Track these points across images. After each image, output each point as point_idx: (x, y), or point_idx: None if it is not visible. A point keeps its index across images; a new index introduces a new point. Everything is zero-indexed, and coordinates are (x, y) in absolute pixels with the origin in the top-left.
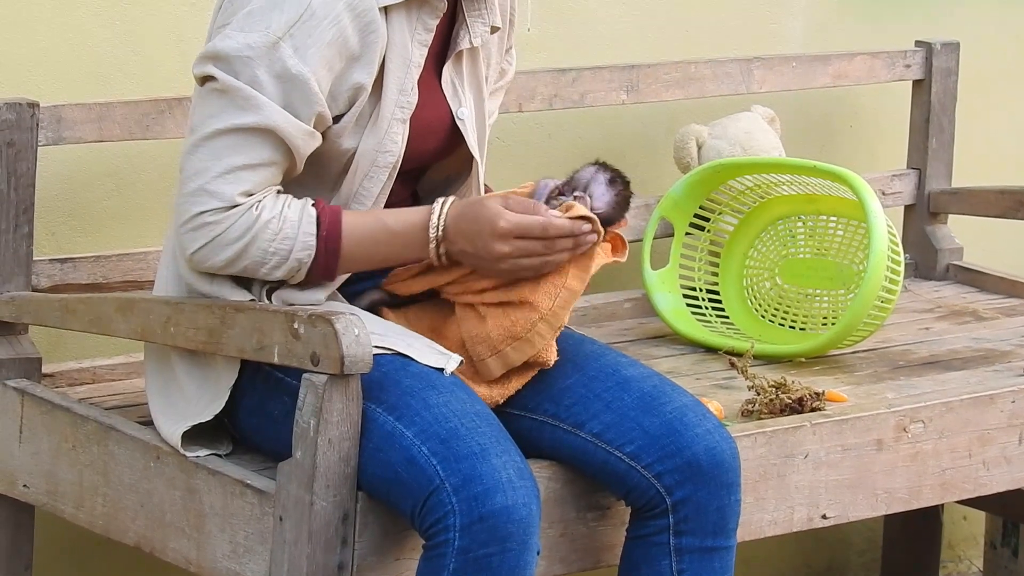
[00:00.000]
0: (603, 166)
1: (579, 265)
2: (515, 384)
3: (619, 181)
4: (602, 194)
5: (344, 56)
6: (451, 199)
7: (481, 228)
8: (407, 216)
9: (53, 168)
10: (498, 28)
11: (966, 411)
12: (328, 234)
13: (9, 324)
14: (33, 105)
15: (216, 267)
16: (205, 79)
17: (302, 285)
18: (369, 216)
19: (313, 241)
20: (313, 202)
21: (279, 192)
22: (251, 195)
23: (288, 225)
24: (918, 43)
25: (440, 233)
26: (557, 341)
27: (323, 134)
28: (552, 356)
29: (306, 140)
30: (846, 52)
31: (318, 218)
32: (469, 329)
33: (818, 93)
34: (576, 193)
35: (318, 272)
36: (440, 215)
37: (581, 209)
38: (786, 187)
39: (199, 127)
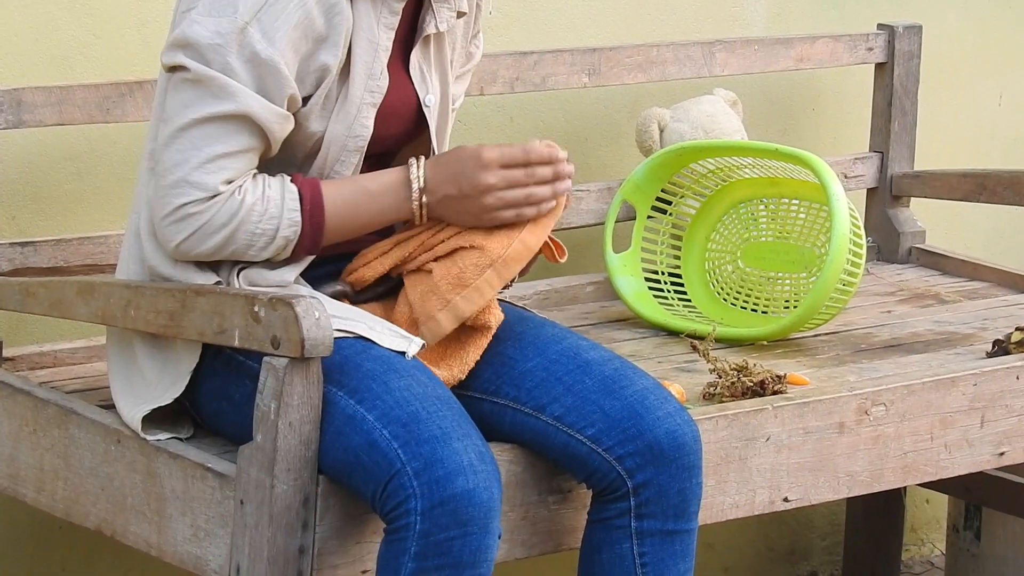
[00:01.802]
0: None
1: (538, 221)
2: (472, 356)
3: None
4: None
5: (310, 38)
6: (423, 157)
7: (464, 166)
8: (385, 176)
9: (13, 152)
10: (464, 13)
11: (928, 394)
12: (312, 207)
13: None
14: None
15: (204, 255)
16: (175, 68)
17: (273, 264)
18: (347, 183)
19: (298, 217)
20: (291, 177)
21: (255, 174)
22: (231, 182)
23: (272, 205)
24: (880, 26)
25: (422, 183)
26: (517, 325)
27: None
28: (496, 317)
29: (281, 124)
30: (808, 35)
31: (300, 193)
32: (417, 288)
33: (780, 76)
34: None
35: (304, 246)
36: (419, 167)
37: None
38: (748, 170)
39: (174, 118)
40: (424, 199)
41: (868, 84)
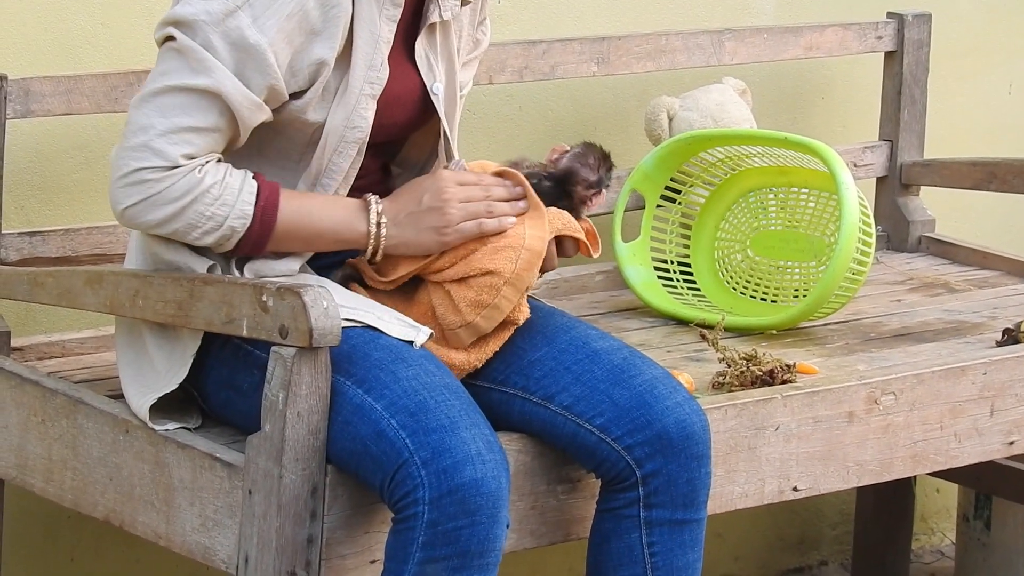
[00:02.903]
0: (589, 143)
1: (534, 225)
2: (492, 347)
3: (595, 146)
4: (573, 151)
5: (304, 30)
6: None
7: (423, 183)
8: (342, 196)
9: (22, 141)
10: (469, 1)
11: (937, 383)
12: (266, 204)
13: None
14: (1, 78)
15: (148, 225)
16: (165, 40)
17: (279, 254)
18: (304, 195)
19: (250, 210)
20: (254, 174)
21: (220, 160)
22: (193, 158)
23: (228, 192)
24: (890, 14)
25: (380, 207)
26: None
27: (286, 108)
28: (523, 314)
29: (252, 111)
30: (818, 24)
31: (258, 189)
32: (439, 299)
33: (790, 65)
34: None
35: (248, 242)
36: (376, 199)
37: (497, 167)
38: (757, 159)
39: (151, 82)
40: (383, 219)
41: (878, 73)
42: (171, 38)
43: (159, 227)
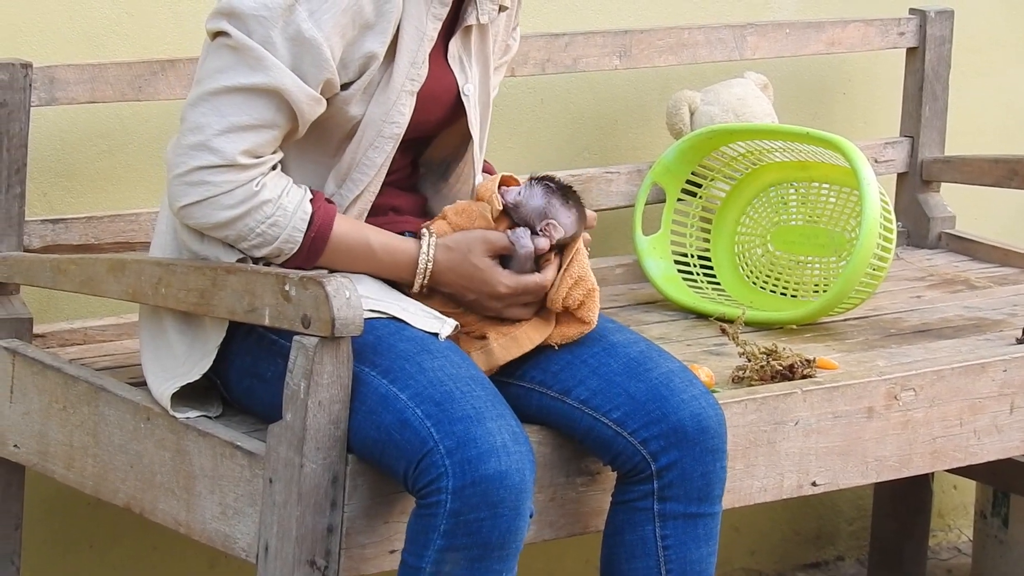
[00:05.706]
0: (546, 186)
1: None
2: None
3: (570, 197)
4: (567, 218)
5: (358, 24)
6: (434, 236)
7: (477, 287)
8: (395, 245)
9: (46, 129)
10: (506, 8)
11: (957, 379)
12: (316, 237)
13: (1, 284)
14: (26, 66)
15: (204, 226)
16: (217, 34)
17: None
18: (359, 233)
19: (300, 238)
20: (312, 196)
21: (280, 168)
22: (253, 155)
23: (281, 215)
24: (912, 11)
25: (425, 279)
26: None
27: (329, 100)
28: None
29: (312, 105)
30: (840, 19)
31: (312, 217)
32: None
33: (811, 60)
34: (541, 226)
35: (295, 264)
36: (427, 256)
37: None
38: (779, 154)
39: (206, 80)
40: (427, 280)
41: (899, 69)
42: (224, 33)
43: (214, 230)
